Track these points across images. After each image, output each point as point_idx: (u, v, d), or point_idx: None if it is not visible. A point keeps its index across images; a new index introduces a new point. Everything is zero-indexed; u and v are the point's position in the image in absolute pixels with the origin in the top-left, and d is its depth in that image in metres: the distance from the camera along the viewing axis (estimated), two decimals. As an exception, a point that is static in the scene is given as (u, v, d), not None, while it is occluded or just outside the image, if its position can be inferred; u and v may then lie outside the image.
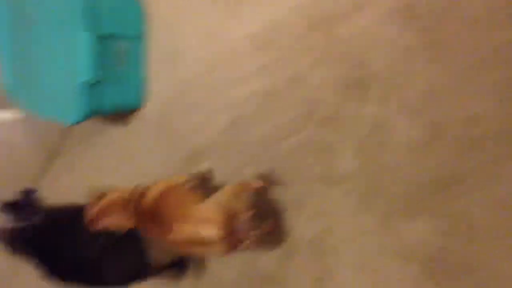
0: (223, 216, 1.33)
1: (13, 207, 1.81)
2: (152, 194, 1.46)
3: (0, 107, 2.46)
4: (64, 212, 1.78)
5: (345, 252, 1.47)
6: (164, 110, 1.96)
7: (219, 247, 1.32)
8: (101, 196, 1.50)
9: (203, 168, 1.75)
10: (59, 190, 2.75)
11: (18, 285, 2.39)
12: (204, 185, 1.64)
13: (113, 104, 1.95)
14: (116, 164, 2.23)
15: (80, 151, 2.49)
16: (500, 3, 1.16)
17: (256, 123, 1.63)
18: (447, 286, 1.26)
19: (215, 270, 1.90)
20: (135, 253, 1.66)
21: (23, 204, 1.86)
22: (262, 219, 1.49)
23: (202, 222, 1.33)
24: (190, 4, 1.80)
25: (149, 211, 1.43)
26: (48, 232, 1.68)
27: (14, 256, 1.69)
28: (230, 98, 1.70)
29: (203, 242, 1.33)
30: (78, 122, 1.89)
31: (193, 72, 1.82)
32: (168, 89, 1.94)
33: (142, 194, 1.47)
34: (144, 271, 1.69)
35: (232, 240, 1.34)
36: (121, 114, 2.13)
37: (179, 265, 1.86)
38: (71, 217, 1.66)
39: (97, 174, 2.43)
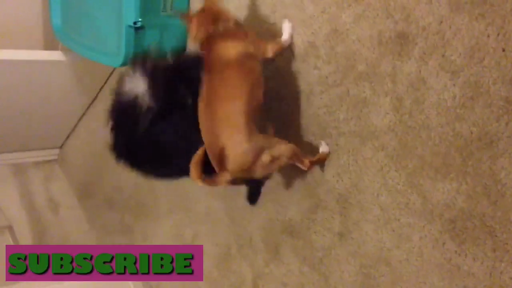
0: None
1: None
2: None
3: (49, 48, 2.54)
4: None
5: (370, 208, 1.49)
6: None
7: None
8: None
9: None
10: (95, 132, 2.85)
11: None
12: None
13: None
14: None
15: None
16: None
17: (295, 75, 1.64)
18: (468, 247, 1.27)
19: (243, 218, 1.97)
20: None
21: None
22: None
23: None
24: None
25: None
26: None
27: None
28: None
29: None
30: (122, 65, 1.94)
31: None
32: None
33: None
34: None
35: None
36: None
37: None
38: None
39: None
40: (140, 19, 1.79)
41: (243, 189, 1.87)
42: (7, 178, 4.22)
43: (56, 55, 2.39)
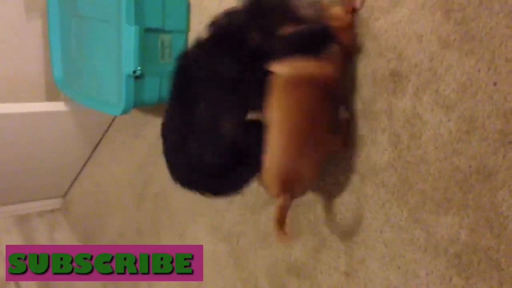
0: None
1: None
2: None
3: (51, 98, 2.59)
4: None
5: (374, 245, 1.48)
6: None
7: None
8: None
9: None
10: (98, 179, 2.86)
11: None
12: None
13: (155, 97, 2.02)
14: (158, 156, 2.30)
15: (123, 142, 2.58)
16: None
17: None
18: (475, 282, 1.26)
19: (248, 260, 1.95)
20: None
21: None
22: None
23: None
24: None
25: None
26: None
27: None
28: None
29: None
30: (123, 113, 1.97)
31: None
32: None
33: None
34: None
35: None
36: (162, 107, 2.20)
37: None
38: None
39: (137, 164, 2.52)
40: (139, 68, 1.83)
41: (246, 231, 1.86)
42: (11, 229, 4.20)
43: (58, 106, 2.42)
